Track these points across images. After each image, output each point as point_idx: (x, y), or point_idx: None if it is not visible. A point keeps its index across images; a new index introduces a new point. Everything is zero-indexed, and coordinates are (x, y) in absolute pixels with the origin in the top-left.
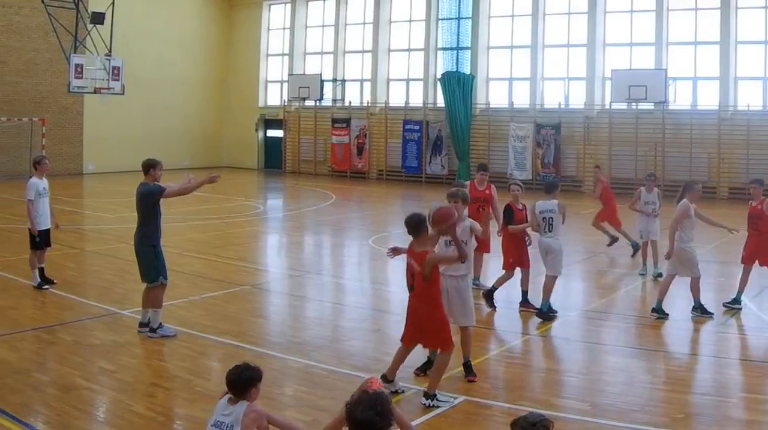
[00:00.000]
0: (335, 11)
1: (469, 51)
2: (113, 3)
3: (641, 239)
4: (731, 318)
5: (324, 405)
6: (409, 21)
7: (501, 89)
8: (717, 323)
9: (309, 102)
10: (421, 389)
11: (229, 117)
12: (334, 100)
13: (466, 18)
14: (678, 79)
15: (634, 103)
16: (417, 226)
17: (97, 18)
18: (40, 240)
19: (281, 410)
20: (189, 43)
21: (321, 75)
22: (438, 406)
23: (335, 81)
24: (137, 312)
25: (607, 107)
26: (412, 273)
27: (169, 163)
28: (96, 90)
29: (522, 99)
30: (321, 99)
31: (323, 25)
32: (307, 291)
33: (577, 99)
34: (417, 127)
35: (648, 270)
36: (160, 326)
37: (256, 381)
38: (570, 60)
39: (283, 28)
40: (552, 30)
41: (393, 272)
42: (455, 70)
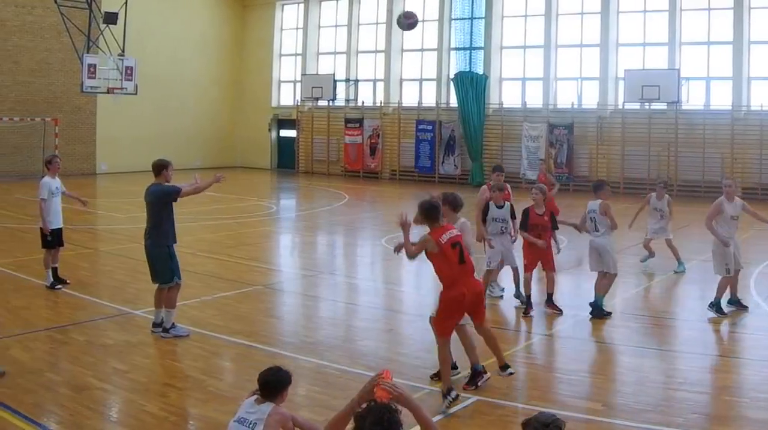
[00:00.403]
0: (348, 11)
1: (482, 51)
2: (126, 3)
3: (650, 237)
4: (744, 318)
5: (337, 405)
6: (422, 21)
7: (514, 89)
8: (730, 323)
9: (322, 102)
10: (435, 390)
11: (242, 117)
12: (347, 100)
13: (479, 18)
14: (691, 79)
15: (647, 103)
16: (436, 209)
17: (110, 18)
18: (52, 239)
19: (294, 410)
20: (202, 43)
21: (334, 75)
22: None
23: (348, 81)
24: (150, 312)
25: (620, 107)
26: (457, 246)
27: (182, 164)
28: (109, 90)
29: (535, 99)
30: (334, 99)
31: (336, 25)
32: (320, 291)
33: (590, 99)
34: (430, 127)
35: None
36: (173, 326)
37: (286, 385)
38: (583, 60)
39: (296, 28)
40: (565, 30)
41: (406, 272)
42: (468, 70)
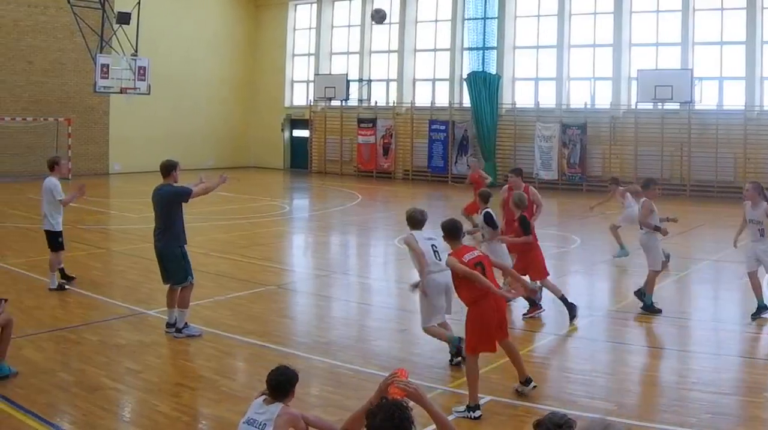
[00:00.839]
0: (361, 11)
1: (495, 51)
2: (139, 3)
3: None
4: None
5: (350, 405)
6: (435, 21)
7: (527, 89)
8: (743, 323)
9: (335, 102)
10: (448, 390)
11: (255, 117)
12: (360, 100)
13: (492, 18)
14: (704, 79)
15: (659, 103)
16: (456, 229)
17: (123, 18)
18: (62, 240)
19: (307, 410)
20: (215, 43)
21: (347, 75)
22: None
23: (361, 81)
24: (163, 312)
25: (633, 107)
26: (479, 266)
27: (195, 164)
28: (122, 90)
29: (548, 99)
30: (347, 99)
31: (349, 25)
32: (333, 291)
33: (603, 99)
34: (443, 127)
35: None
36: (185, 325)
37: (294, 384)
38: (596, 60)
39: (309, 28)
40: (578, 30)
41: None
42: (481, 70)
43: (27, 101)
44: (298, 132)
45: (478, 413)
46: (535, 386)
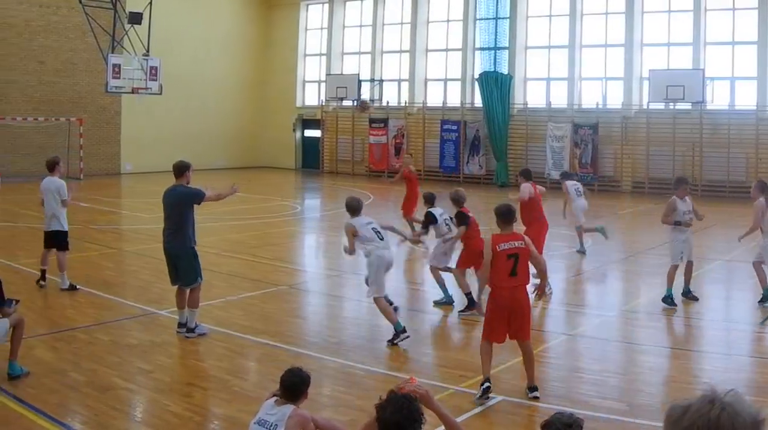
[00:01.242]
0: (373, 11)
1: (507, 51)
2: (151, 3)
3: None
4: None
5: (361, 405)
6: (447, 21)
7: (538, 89)
8: (755, 323)
9: (347, 102)
10: (459, 390)
11: (267, 117)
12: (371, 100)
13: (503, 18)
14: (716, 79)
15: (671, 103)
16: (510, 213)
17: (135, 18)
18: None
19: (319, 410)
20: (226, 44)
21: (359, 75)
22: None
23: (373, 81)
24: (174, 312)
25: (645, 107)
26: (513, 257)
27: (206, 164)
28: (133, 90)
29: (560, 99)
30: (359, 99)
31: (361, 25)
32: (345, 291)
33: (615, 99)
34: (455, 127)
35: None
36: (197, 325)
37: (307, 386)
38: (607, 60)
39: (321, 28)
40: (589, 30)
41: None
42: (493, 70)
43: (39, 101)
44: (309, 132)
45: (486, 385)
46: (537, 397)
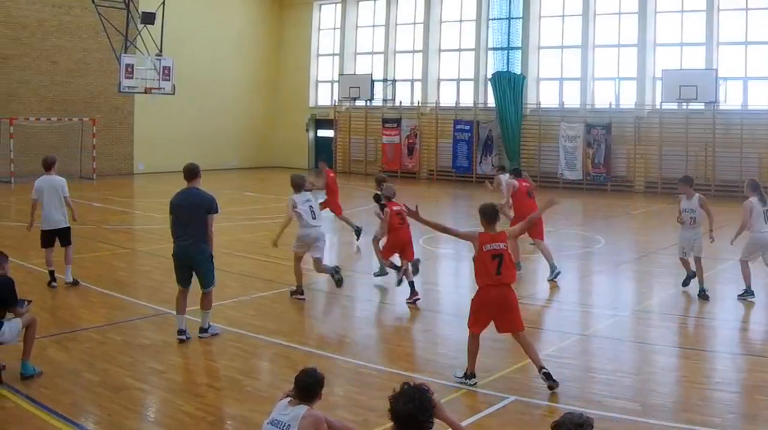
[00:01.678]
0: (386, 11)
1: (520, 51)
2: (164, 3)
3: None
4: None
5: (374, 405)
6: (460, 21)
7: (551, 89)
8: (767, 324)
9: (359, 102)
10: (471, 390)
11: (280, 117)
12: (384, 100)
13: (516, 18)
14: (728, 79)
15: (684, 103)
16: (495, 213)
17: (148, 18)
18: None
19: (332, 410)
20: (239, 44)
21: (372, 75)
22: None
23: (386, 81)
24: (190, 312)
25: (658, 107)
26: (497, 258)
27: (219, 164)
28: (146, 90)
29: (572, 99)
30: (372, 99)
31: (374, 25)
32: (357, 291)
33: (628, 99)
34: (467, 127)
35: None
36: (209, 325)
37: (321, 386)
38: (620, 60)
39: (334, 28)
40: (602, 30)
41: (443, 272)
42: (506, 70)
43: (52, 101)
44: (322, 132)
45: (473, 381)
46: (553, 380)
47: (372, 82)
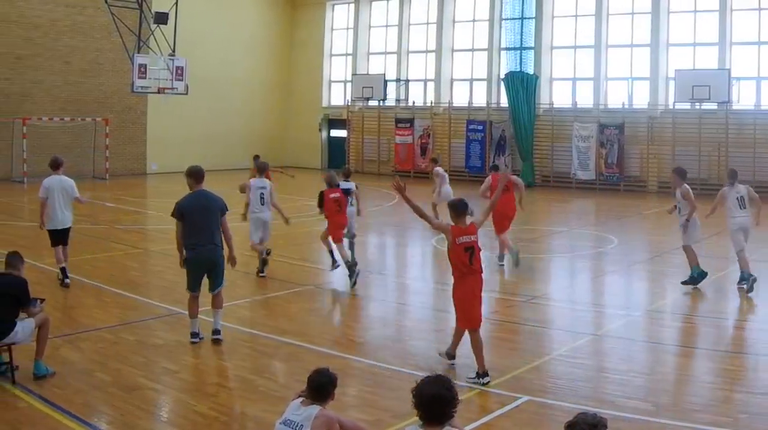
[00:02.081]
0: (399, 11)
1: (533, 51)
2: (176, 3)
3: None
4: None
5: (387, 405)
6: (473, 21)
7: (564, 89)
8: None
9: (372, 102)
10: (484, 389)
11: (293, 117)
12: (397, 100)
13: (529, 18)
14: (741, 79)
15: (697, 103)
16: (465, 207)
17: (161, 18)
18: None
19: (345, 409)
20: (252, 44)
21: (384, 75)
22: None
23: (399, 81)
24: (201, 312)
25: (671, 107)
26: (470, 251)
27: (232, 164)
28: (159, 90)
29: (585, 99)
30: (384, 99)
31: (387, 25)
32: (370, 291)
33: (641, 99)
34: (480, 127)
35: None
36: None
37: (335, 386)
38: (633, 60)
39: (347, 28)
40: (615, 30)
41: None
42: (519, 70)
43: (65, 101)
44: (335, 132)
45: (486, 380)
46: (488, 381)
47: (385, 82)
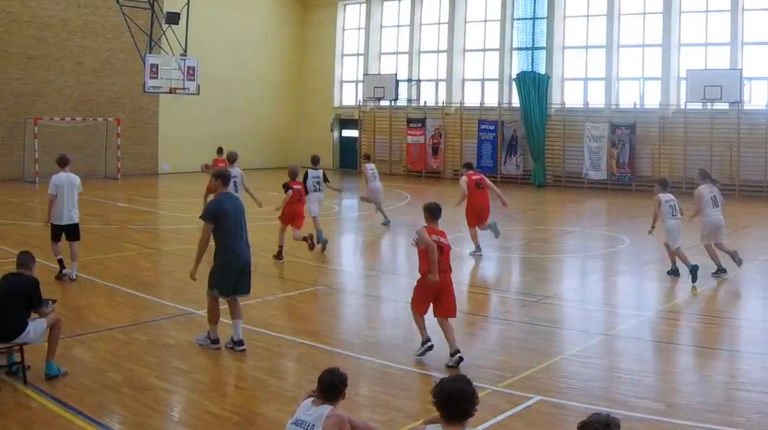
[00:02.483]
0: (410, 11)
1: (544, 51)
2: (188, 3)
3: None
4: None
5: (399, 405)
6: (485, 21)
7: (576, 89)
8: None
9: (384, 102)
10: (497, 390)
11: (304, 117)
12: (409, 100)
13: (541, 18)
14: (753, 79)
15: (709, 103)
16: (438, 211)
17: (172, 18)
18: None
19: (357, 410)
20: (264, 44)
21: (396, 75)
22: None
23: (410, 81)
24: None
25: (682, 107)
26: (440, 250)
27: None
28: (171, 90)
29: (597, 99)
30: (396, 99)
31: (398, 25)
32: (382, 291)
33: (652, 99)
34: (492, 127)
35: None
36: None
37: (345, 386)
38: (645, 60)
39: (358, 28)
40: (627, 30)
41: (467, 271)
42: (530, 70)
43: (76, 101)
44: (347, 132)
45: (429, 344)
46: (461, 358)
47: (396, 82)
